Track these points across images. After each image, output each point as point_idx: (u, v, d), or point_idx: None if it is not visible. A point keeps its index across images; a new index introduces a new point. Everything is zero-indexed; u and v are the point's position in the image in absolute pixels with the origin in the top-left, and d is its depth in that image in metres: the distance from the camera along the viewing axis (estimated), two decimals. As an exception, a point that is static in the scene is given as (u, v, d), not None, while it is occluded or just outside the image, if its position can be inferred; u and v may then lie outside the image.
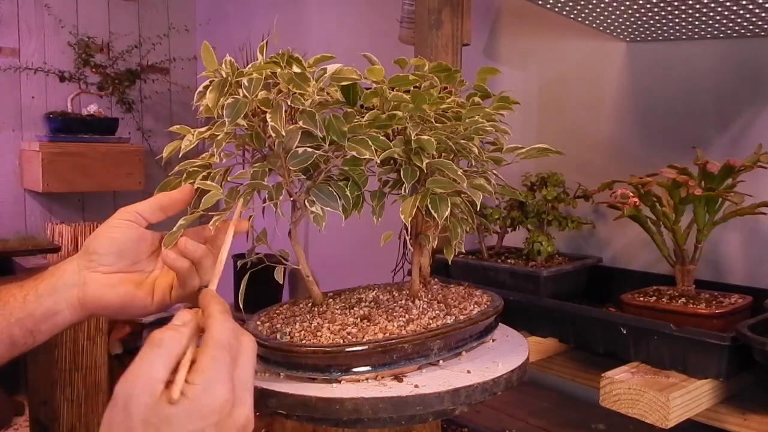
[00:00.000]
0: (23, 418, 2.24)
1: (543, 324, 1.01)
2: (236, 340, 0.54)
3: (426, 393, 0.64)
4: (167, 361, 0.50)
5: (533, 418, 1.25)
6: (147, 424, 0.47)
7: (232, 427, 0.51)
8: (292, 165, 0.66)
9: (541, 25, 1.44)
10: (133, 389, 0.48)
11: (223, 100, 0.62)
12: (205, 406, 0.49)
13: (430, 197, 0.69)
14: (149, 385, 0.48)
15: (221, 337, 0.52)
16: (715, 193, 0.92)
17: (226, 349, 0.52)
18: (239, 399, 0.52)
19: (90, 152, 2.51)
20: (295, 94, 0.63)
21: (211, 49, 0.66)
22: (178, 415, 0.48)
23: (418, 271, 0.80)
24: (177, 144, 0.68)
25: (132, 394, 0.48)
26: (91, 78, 2.68)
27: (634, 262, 1.25)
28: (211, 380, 0.50)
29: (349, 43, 2.07)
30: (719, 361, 0.81)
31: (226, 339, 0.52)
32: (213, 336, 0.52)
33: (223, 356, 0.51)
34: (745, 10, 0.96)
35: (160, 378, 0.49)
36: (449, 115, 0.76)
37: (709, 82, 1.17)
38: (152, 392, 0.48)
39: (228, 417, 0.50)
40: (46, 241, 2.33)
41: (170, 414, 0.48)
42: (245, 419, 0.52)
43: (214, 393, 0.50)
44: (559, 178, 1.20)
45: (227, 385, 0.51)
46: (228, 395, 0.50)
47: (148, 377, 0.49)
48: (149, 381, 0.48)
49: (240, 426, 0.51)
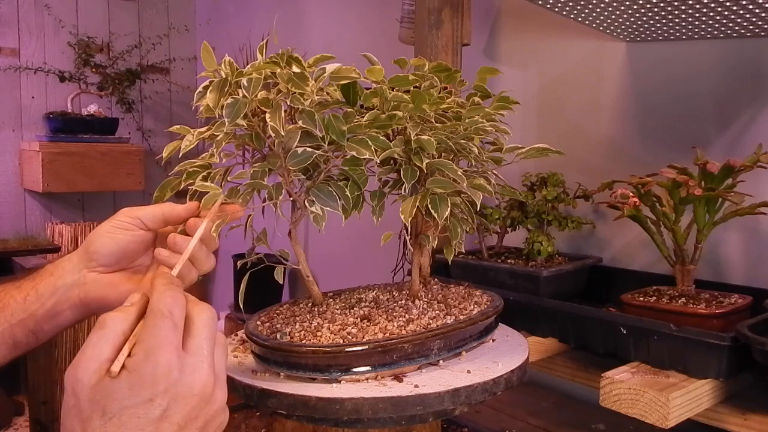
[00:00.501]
0: (23, 418, 2.24)
1: (543, 324, 1.01)
2: (179, 308, 0.52)
3: (426, 393, 0.64)
4: (111, 340, 0.50)
5: (533, 418, 1.25)
6: (93, 402, 0.47)
7: (186, 394, 0.50)
8: (292, 165, 0.66)
9: (541, 25, 1.44)
10: (77, 372, 0.48)
11: (223, 100, 0.62)
12: (147, 374, 0.48)
13: (430, 197, 0.69)
14: (93, 365, 0.48)
15: (160, 306, 0.52)
16: (715, 193, 0.92)
17: (165, 316, 0.51)
18: (190, 365, 0.50)
19: (90, 152, 2.51)
20: (295, 94, 0.63)
21: (210, 49, 0.66)
22: (121, 388, 0.47)
23: (418, 271, 0.80)
24: (177, 144, 0.68)
25: (77, 378, 0.48)
26: (91, 78, 2.68)
27: (634, 262, 1.25)
28: (151, 348, 0.49)
29: (349, 43, 2.07)
30: (719, 361, 0.81)
31: (167, 307, 0.51)
32: (152, 306, 0.52)
33: (163, 323, 0.50)
34: (745, 10, 0.96)
35: (103, 357, 0.49)
36: (449, 115, 0.76)
37: (709, 82, 1.17)
38: (97, 371, 0.48)
39: (177, 384, 0.49)
40: (46, 241, 2.33)
41: (113, 389, 0.47)
42: (201, 385, 0.51)
43: (155, 360, 0.49)
44: (559, 178, 1.20)
45: (169, 352, 0.49)
46: (171, 361, 0.49)
47: (90, 358, 0.48)
48: (93, 361, 0.48)
49: (197, 392, 0.50)
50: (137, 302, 0.53)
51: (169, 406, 0.49)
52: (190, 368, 0.50)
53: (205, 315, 0.54)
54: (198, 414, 0.51)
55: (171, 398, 0.49)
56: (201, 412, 0.51)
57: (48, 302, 0.68)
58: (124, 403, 0.47)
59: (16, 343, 0.68)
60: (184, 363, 0.50)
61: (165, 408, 0.49)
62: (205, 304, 0.55)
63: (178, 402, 0.49)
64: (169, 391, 0.49)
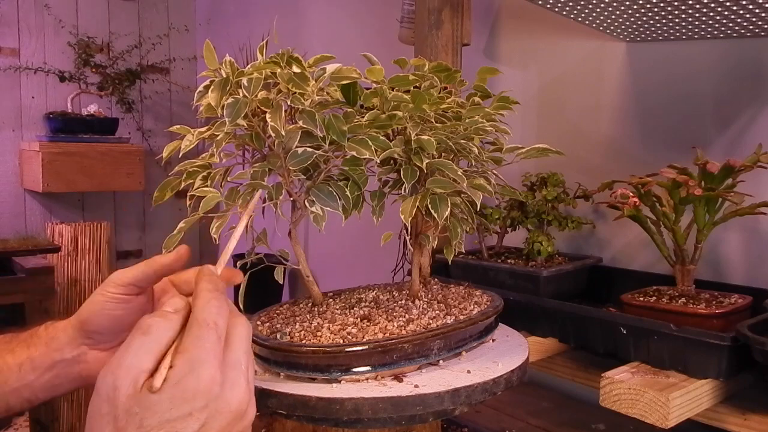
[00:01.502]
0: (23, 418, 2.24)
1: (543, 324, 1.01)
2: (223, 319, 0.51)
3: (426, 393, 0.64)
4: (154, 349, 0.48)
5: (533, 418, 1.25)
6: (130, 413, 0.46)
7: (224, 410, 0.48)
8: (292, 165, 0.66)
9: (541, 25, 1.44)
10: (115, 379, 0.47)
11: (224, 100, 0.62)
12: (189, 389, 0.47)
13: (430, 197, 0.69)
14: (132, 374, 0.47)
15: (205, 315, 0.50)
16: (715, 193, 0.92)
17: (210, 327, 0.49)
18: (230, 380, 0.49)
19: (90, 152, 2.51)
20: (295, 94, 0.63)
21: (212, 48, 0.66)
22: (161, 402, 0.46)
23: (418, 271, 0.80)
24: (177, 144, 0.68)
25: (115, 385, 0.46)
26: (91, 78, 2.68)
27: (634, 262, 1.25)
28: (194, 361, 0.48)
29: (349, 43, 2.07)
30: (719, 361, 0.81)
31: (212, 318, 0.50)
32: (196, 315, 0.50)
33: (208, 335, 0.49)
34: (745, 10, 0.96)
35: (144, 368, 0.47)
36: (449, 115, 0.76)
37: (709, 82, 1.17)
38: (135, 382, 0.47)
39: (218, 399, 0.48)
40: (46, 241, 2.33)
41: (153, 402, 0.46)
42: (238, 402, 0.49)
43: (198, 374, 0.47)
44: (559, 178, 1.20)
45: (213, 366, 0.48)
46: (215, 376, 0.48)
47: (130, 367, 0.47)
48: (132, 371, 0.47)
49: (234, 409, 0.49)
50: (181, 310, 0.51)
51: (207, 422, 0.48)
52: (230, 384, 0.49)
53: (242, 328, 0.52)
54: (232, 429, 0.50)
55: (209, 414, 0.48)
56: (233, 428, 0.50)
57: (45, 375, 0.64)
58: (164, 417, 0.46)
59: (9, 409, 0.65)
60: (225, 378, 0.49)
61: (203, 423, 0.47)
62: (242, 317, 0.54)
63: (215, 418, 0.48)
64: (209, 406, 0.48)
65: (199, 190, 0.65)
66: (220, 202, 0.65)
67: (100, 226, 2.47)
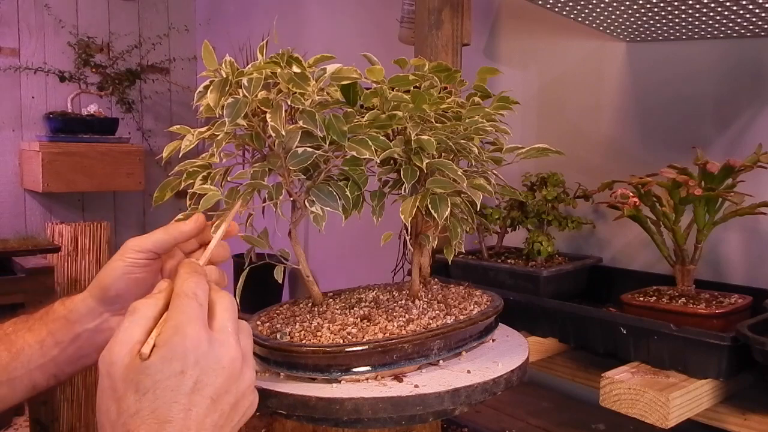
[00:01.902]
0: (23, 418, 2.24)
1: (543, 324, 1.01)
2: (202, 291, 0.54)
3: (426, 393, 0.64)
4: (142, 324, 0.52)
5: (533, 418, 1.25)
6: (126, 380, 0.49)
7: (215, 366, 0.52)
8: (292, 165, 0.66)
9: (541, 25, 1.44)
10: (111, 355, 0.50)
11: (224, 100, 0.62)
12: (177, 346, 0.50)
13: (430, 197, 0.69)
14: (125, 347, 0.50)
15: (185, 288, 0.54)
16: (715, 193, 0.92)
17: (191, 297, 0.53)
18: (218, 340, 0.53)
19: (90, 152, 2.51)
20: (295, 94, 0.63)
21: (211, 48, 0.66)
22: (153, 365, 0.49)
23: (418, 271, 0.80)
24: (177, 144, 0.68)
25: (111, 360, 0.50)
26: (91, 78, 2.68)
27: (634, 262, 1.25)
28: (179, 323, 0.51)
29: (349, 43, 2.07)
30: (719, 361, 0.81)
31: (191, 290, 0.54)
32: (177, 290, 0.54)
33: (188, 302, 0.53)
34: (745, 10, 0.96)
35: (135, 339, 0.51)
36: (449, 115, 0.76)
37: (709, 82, 1.17)
38: (130, 353, 0.50)
39: (207, 355, 0.51)
40: (46, 241, 2.33)
41: (145, 366, 0.49)
42: (230, 359, 0.53)
43: (183, 333, 0.51)
44: (559, 178, 1.20)
45: (197, 325, 0.51)
46: (200, 333, 0.51)
47: (123, 341, 0.51)
48: (125, 344, 0.51)
49: (226, 365, 0.52)
50: (165, 289, 0.55)
51: (200, 379, 0.50)
52: (218, 342, 0.52)
53: (225, 300, 0.56)
54: (228, 389, 0.52)
55: (201, 370, 0.51)
56: (231, 387, 0.53)
57: (69, 348, 0.66)
58: (156, 377, 0.49)
59: (35, 386, 0.67)
60: (212, 337, 0.52)
61: (196, 380, 0.50)
62: (225, 291, 0.57)
63: (208, 374, 0.51)
64: (199, 362, 0.50)
65: (199, 188, 0.65)
66: (219, 201, 0.66)
67: (100, 226, 2.47)
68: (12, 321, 0.68)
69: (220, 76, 0.64)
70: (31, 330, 0.66)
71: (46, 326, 0.66)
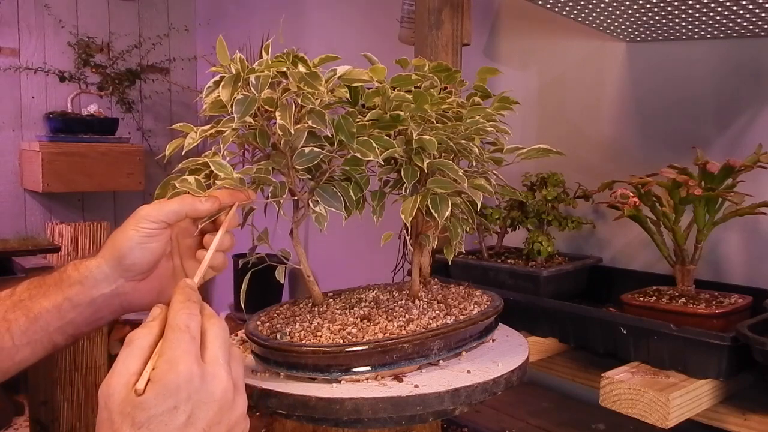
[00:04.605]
0: (23, 418, 2.24)
1: (543, 324, 1.01)
2: (195, 323, 0.55)
3: (426, 393, 0.64)
4: (138, 355, 0.53)
5: (533, 418, 1.25)
6: (123, 414, 0.50)
7: (208, 399, 0.52)
8: (299, 164, 0.66)
9: (541, 25, 1.44)
10: (109, 388, 0.51)
11: (236, 95, 0.62)
12: (170, 383, 0.51)
13: (430, 197, 0.69)
14: (122, 380, 0.51)
15: (175, 321, 0.55)
16: (715, 193, 0.92)
17: (183, 330, 0.54)
18: (210, 373, 0.53)
19: (90, 152, 2.51)
20: (305, 93, 0.63)
21: (224, 43, 0.66)
22: (147, 400, 0.50)
23: (418, 271, 0.80)
24: (180, 142, 0.68)
25: (109, 393, 0.51)
26: (91, 78, 2.68)
27: (634, 262, 1.25)
28: (171, 359, 0.52)
29: (349, 43, 2.07)
30: (719, 361, 0.81)
31: (183, 322, 0.54)
32: (170, 323, 0.55)
33: (180, 336, 0.53)
34: (745, 10, 0.96)
35: (131, 371, 0.52)
36: (450, 115, 0.76)
37: (709, 82, 1.17)
38: (125, 385, 0.51)
39: (200, 390, 0.52)
40: (46, 241, 2.33)
41: (141, 401, 0.50)
42: (222, 391, 0.53)
43: (176, 369, 0.51)
44: (559, 178, 1.20)
45: (189, 361, 0.52)
46: (192, 369, 0.52)
47: (120, 373, 0.51)
48: (122, 376, 0.51)
49: (219, 398, 0.53)
50: (158, 317, 0.56)
51: (193, 413, 0.51)
52: (210, 376, 0.53)
53: (216, 328, 0.57)
54: (221, 420, 0.53)
55: (194, 404, 0.51)
56: (223, 417, 0.53)
57: (86, 311, 0.69)
58: (150, 413, 0.50)
59: (55, 346, 0.70)
60: (204, 372, 0.53)
61: (189, 414, 0.51)
62: (217, 318, 0.58)
63: (201, 408, 0.52)
64: (192, 397, 0.51)
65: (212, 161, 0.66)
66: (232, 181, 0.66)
67: (100, 226, 2.47)
68: (26, 287, 0.71)
69: (230, 72, 0.64)
70: (46, 296, 0.69)
71: (63, 292, 0.69)
